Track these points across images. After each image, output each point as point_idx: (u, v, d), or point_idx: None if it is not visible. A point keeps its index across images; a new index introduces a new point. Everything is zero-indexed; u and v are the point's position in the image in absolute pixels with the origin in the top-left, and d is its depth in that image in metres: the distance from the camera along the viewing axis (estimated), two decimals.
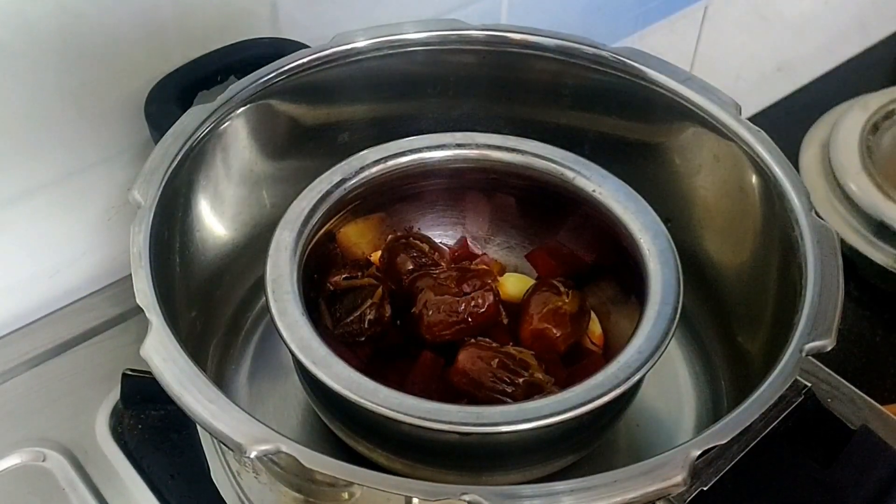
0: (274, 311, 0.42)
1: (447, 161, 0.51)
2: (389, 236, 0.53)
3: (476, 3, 0.67)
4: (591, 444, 0.46)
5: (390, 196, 0.53)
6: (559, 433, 0.42)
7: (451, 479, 0.42)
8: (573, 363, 0.48)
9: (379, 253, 0.53)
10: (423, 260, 0.51)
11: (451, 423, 0.38)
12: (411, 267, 0.50)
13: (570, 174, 0.49)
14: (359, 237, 0.53)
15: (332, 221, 0.50)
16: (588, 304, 0.50)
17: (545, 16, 0.72)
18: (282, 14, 0.58)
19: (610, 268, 0.51)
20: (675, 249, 0.46)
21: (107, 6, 0.50)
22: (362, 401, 0.39)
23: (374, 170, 0.50)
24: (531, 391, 0.44)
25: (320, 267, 0.49)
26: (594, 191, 0.49)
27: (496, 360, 0.44)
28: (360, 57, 0.52)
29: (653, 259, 0.45)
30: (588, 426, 0.44)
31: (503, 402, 0.43)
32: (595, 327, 0.51)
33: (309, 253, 0.47)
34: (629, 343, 0.42)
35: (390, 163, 0.50)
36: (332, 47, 0.52)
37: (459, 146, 0.51)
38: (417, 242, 0.52)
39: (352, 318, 0.48)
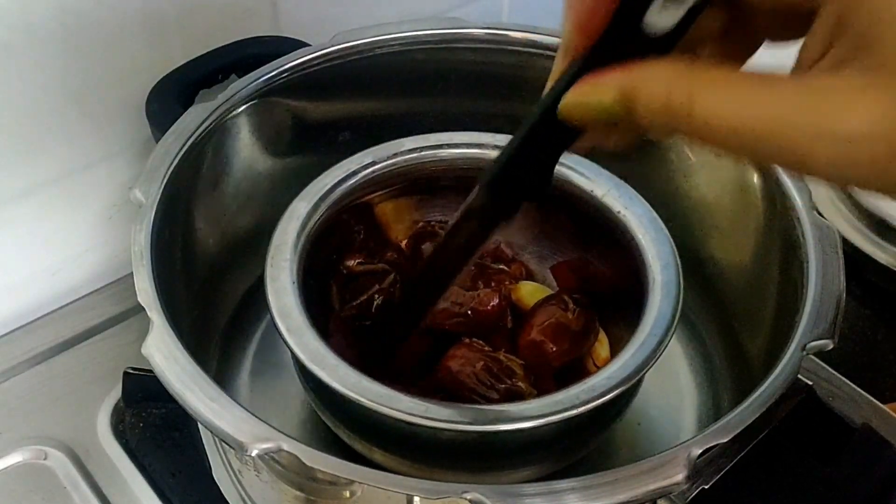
0: (267, 275, 0.43)
1: (483, 161, 0.50)
2: (420, 224, 0.53)
3: (477, 2, 0.67)
4: (592, 442, 0.46)
5: (420, 186, 0.52)
6: (557, 432, 0.42)
7: (451, 479, 0.42)
8: (571, 381, 0.47)
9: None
10: None
11: (433, 419, 0.38)
12: None
13: (599, 192, 0.48)
14: (396, 219, 0.52)
15: (353, 200, 0.49)
16: (597, 324, 0.49)
17: (546, 14, 0.72)
18: (282, 12, 0.58)
19: (627, 292, 0.50)
20: (681, 282, 0.44)
21: (108, 5, 0.50)
22: (316, 368, 0.39)
23: (406, 157, 0.50)
24: (511, 399, 0.43)
25: (341, 247, 0.49)
26: (619, 212, 0.47)
27: (481, 363, 0.44)
28: (360, 55, 0.52)
29: (656, 289, 0.44)
30: (588, 425, 0.44)
31: (480, 404, 0.43)
32: (602, 350, 0.49)
33: (330, 231, 0.47)
34: (603, 369, 0.41)
35: (425, 153, 0.50)
36: (332, 46, 0.52)
37: (497, 148, 0.49)
38: (443, 233, 0.51)
39: (359, 300, 0.48)
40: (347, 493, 0.38)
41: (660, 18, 0.28)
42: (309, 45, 0.53)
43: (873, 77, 0.24)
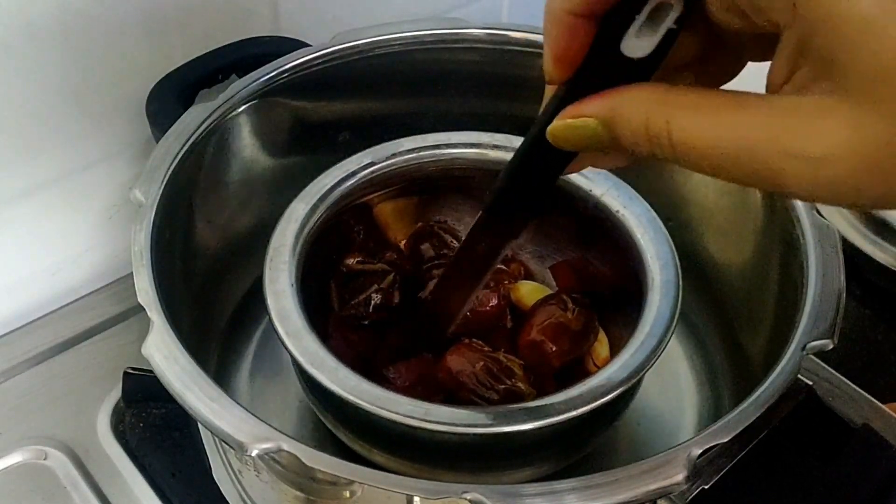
0: (266, 278, 0.43)
1: (482, 161, 0.50)
2: (419, 224, 0.53)
3: (477, 2, 0.67)
4: (592, 443, 0.46)
5: (419, 187, 0.52)
6: (557, 433, 0.42)
7: (451, 479, 0.42)
8: (571, 381, 0.47)
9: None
10: (445, 251, 0.51)
11: (433, 421, 0.38)
12: (433, 254, 0.51)
13: (598, 191, 0.48)
14: (395, 219, 0.53)
15: (353, 201, 0.49)
16: (597, 324, 0.49)
17: None
18: (283, 13, 0.58)
19: (626, 292, 0.49)
20: (680, 282, 0.44)
21: (108, 4, 0.50)
22: (315, 372, 0.39)
23: (406, 157, 0.50)
24: (511, 399, 0.43)
25: (340, 247, 0.49)
26: (617, 211, 0.47)
27: (480, 364, 0.44)
28: (360, 55, 0.52)
29: (655, 289, 0.44)
30: (588, 426, 0.44)
31: (479, 405, 0.43)
32: (602, 350, 0.49)
33: (329, 232, 0.47)
34: (603, 369, 0.41)
35: (424, 154, 0.50)
36: (332, 46, 0.52)
37: (496, 147, 0.50)
38: (442, 233, 0.52)
39: (358, 300, 0.48)
40: (347, 493, 0.38)
41: (637, 44, 0.29)
42: (309, 45, 0.53)
43: (837, 100, 0.24)
